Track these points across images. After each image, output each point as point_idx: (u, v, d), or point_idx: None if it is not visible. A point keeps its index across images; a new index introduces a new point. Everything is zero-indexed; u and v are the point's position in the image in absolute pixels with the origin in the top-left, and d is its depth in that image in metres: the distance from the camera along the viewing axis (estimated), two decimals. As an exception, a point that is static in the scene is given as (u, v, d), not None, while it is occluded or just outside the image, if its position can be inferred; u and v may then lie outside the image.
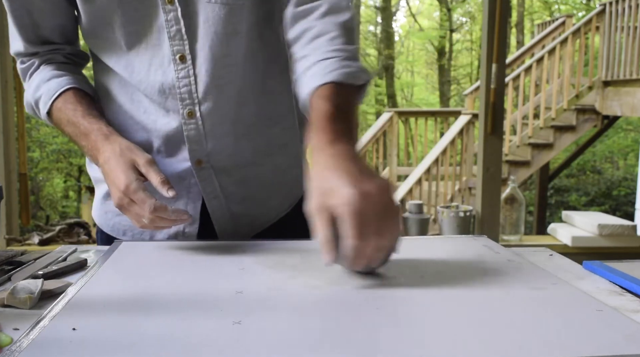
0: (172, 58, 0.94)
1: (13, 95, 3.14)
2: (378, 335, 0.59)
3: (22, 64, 1.04)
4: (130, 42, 0.95)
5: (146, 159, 0.89)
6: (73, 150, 9.92)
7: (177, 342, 0.56)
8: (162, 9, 0.93)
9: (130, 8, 0.93)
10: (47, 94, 0.98)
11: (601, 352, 0.55)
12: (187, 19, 0.93)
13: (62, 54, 1.05)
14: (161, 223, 0.88)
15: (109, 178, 0.90)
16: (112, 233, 1.08)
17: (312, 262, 0.85)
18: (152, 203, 0.85)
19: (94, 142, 0.93)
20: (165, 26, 0.93)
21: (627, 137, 11.56)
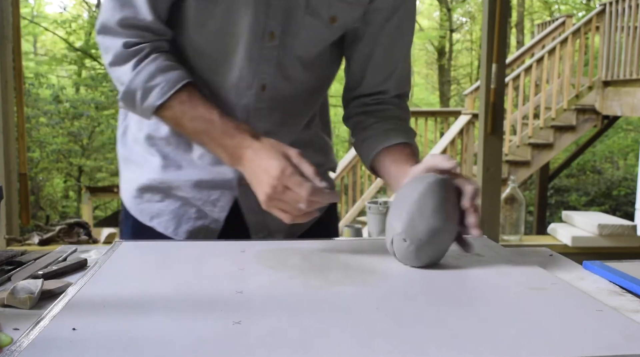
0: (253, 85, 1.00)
1: (13, 95, 3.14)
2: (378, 335, 0.59)
3: (126, 48, 0.94)
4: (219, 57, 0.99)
5: (297, 151, 0.89)
6: (73, 151, 9.92)
7: (177, 342, 0.56)
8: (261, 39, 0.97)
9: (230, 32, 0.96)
10: (168, 84, 0.94)
11: (601, 352, 0.55)
12: (278, 56, 0.99)
13: (166, 41, 0.99)
14: (313, 209, 0.87)
15: (258, 171, 0.88)
16: (140, 218, 1.09)
17: (312, 262, 0.85)
18: (310, 185, 0.84)
19: (241, 141, 0.92)
20: (257, 55, 0.98)
21: (627, 137, 11.56)
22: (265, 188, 0.87)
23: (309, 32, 0.99)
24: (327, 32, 1.01)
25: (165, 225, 1.07)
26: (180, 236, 1.06)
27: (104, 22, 0.95)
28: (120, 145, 1.12)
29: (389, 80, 1.07)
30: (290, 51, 1.00)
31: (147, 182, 1.06)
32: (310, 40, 1.01)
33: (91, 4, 12.63)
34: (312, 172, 0.86)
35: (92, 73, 11.40)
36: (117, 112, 1.22)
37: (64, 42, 11.86)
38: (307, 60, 1.03)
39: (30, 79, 9.70)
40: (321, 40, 1.02)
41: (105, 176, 10.43)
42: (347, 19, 1.01)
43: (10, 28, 3.10)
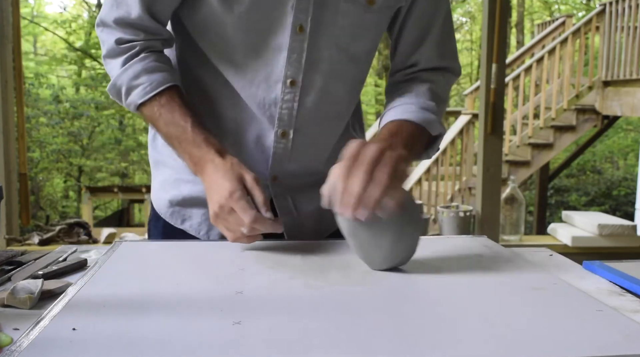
0: (283, 80, 0.97)
1: (13, 95, 3.14)
2: (378, 335, 0.59)
3: (118, 44, 0.98)
4: (248, 53, 0.97)
5: (253, 176, 0.90)
6: (73, 151, 9.93)
7: (177, 342, 0.56)
8: (290, 32, 0.94)
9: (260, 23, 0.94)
10: (150, 86, 0.96)
11: (601, 352, 0.55)
12: (310, 51, 0.96)
13: (160, 40, 1.01)
14: (254, 234, 0.88)
15: (213, 187, 0.90)
16: (171, 220, 1.09)
17: (312, 262, 0.85)
18: (252, 213, 0.86)
19: (205, 153, 0.93)
20: (286, 49, 0.95)
21: (627, 137, 11.56)
22: (214, 205, 0.89)
23: (347, 20, 0.96)
24: (369, 17, 0.97)
25: (197, 228, 1.06)
26: (213, 239, 1.06)
27: (102, 17, 0.99)
28: (150, 148, 1.13)
29: (415, 52, 1.04)
30: (328, 43, 0.96)
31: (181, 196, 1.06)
32: (352, 29, 0.97)
33: (91, 4, 12.64)
34: (261, 200, 0.88)
35: (92, 73, 11.41)
36: (117, 112, 1.23)
37: (64, 42, 11.86)
38: (353, 52, 0.99)
39: (30, 79, 9.70)
40: (364, 27, 0.98)
41: (105, 176, 10.44)
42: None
43: (10, 28, 3.10)
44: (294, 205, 1.05)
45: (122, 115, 10.75)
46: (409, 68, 1.06)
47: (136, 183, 9.37)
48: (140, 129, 11.42)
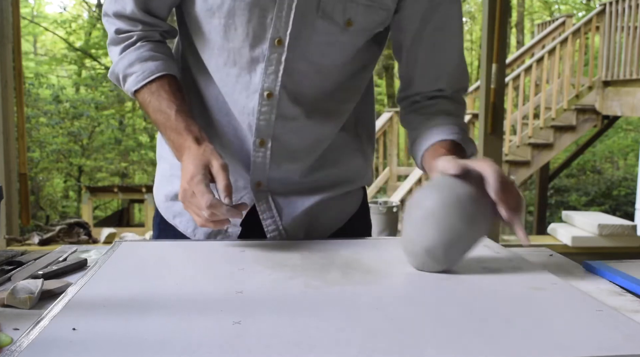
0: (260, 92, 0.98)
1: (13, 95, 3.14)
2: (378, 335, 0.59)
3: (117, 34, 1.03)
4: (229, 61, 0.98)
5: (221, 163, 0.90)
6: (73, 150, 9.92)
7: (177, 342, 0.56)
8: (269, 44, 0.95)
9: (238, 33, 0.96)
10: (142, 74, 1.00)
11: (601, 352, 0.55)
12: (288, 63, 0.96)
13: (159, 31, 1.05)
14: (217, 219, 0.89)
15: (183, 170, 0.93)
16: (165, 215, 1.10)
17: (312, 262, 0.85)
18: (209, 197, 0.87)
19: (184, 141, 0.95)
20: (264, 61, 0.96)
21: (627, 137, 11.55)
22: (180, 189, 0.92)
23: (323, 37, 0.96)
24: (345, 37, 0.98)
25: (185, 225, 1.08)
26: (198, 238, 1.07)
27: (104, 8, 1.05)
28: (157, 143, 1.15)
29: (438, 81, 1.04)
30: (301, 57, 0.97)
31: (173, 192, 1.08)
32: (326, 46, 0.98)
33: (91, 4, 12.64)
34: (222, 186, 0.88)
35: (92, 73, 11.41)
36: (117, 112, 1.24)
37: (64, 42, 11.86)
38: (324, 67, 1.00)
39: (30, 79, 9.70)
40: (338, 46, 0.99)
41: (105, 176, 10.44)
42: (366, 23, 0.98)
43: (10, 28, 3.10)
44: (277, 211, 1.04)
45: (122, 115, 10.76)
46: (434, 91, 1.05)
47: (136, 183, 9.35)
48: (140, 129, 11.42)
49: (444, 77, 1.04)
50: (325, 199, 1.07)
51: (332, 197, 1.08)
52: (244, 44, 0.96)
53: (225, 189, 0.88)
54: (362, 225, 1.17)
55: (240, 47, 0.97)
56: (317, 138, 1.05)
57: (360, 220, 1.15)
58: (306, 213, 1.05)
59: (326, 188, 1.07)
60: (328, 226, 1.09)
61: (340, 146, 1.08)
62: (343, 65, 1.02)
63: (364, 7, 0.95)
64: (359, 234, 1.12)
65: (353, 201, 1.13)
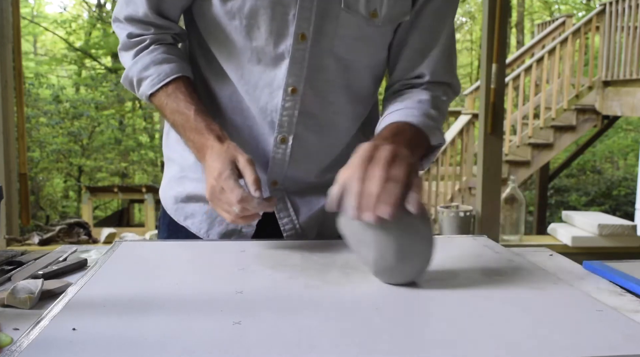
0: (284, 88, 0.98)
1: (13, 95, 3.14)
2: (378, 335, 0.59)
3: (130, 38, 1.03)
4: (252, 59, 0.98)
5: (247, 158, 0.90)
6: (73, 150, 9.92)
7: (177, 342, 0.56)
8: (293, 40, 0.95)
9: (261, 31, 0.95)
10: (158, 77, 1.00)
11: (601, 352, 0.55)
12: (312, 58, 0.96)
13: (171, 34, 1.05)
14: (249, 214, 0.89)
15: (209, 168, 0.92)
16: (175, 217, 1.10)
17: (312, 262, 0.85)
18: (240, 192, 0.87)
19: (206, 140, 0.95)
20: (288, 57, 0.96)
21: (627, 137, 11.55)
22: (208, 187, 0.91)
23: (348, 31, 0.96)
24: (371, 30, 0.97)
25: (199, 226, 1.07)
26: (212, 238, 1.07)
27: (115, 13, 1.05)
28: (164, 145, 1.15)
29: (421, 65, 1.03)
30: (328, 53, 0.97)
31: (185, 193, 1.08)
32: (352, 40, 0.97)
33: (91, 4, 12.63)
34: (251, 180, 0.88)
35: (92, 73, 11.40)
36: (117, 112, 1.25)
37: (64, 42, 11.86)
38: (352, 64, 1.00)
39: (30, 79, 9.70)
40: (365, 40, 0.98)
41: (105, 176, 10.43)
42: (392, 13, 0.97)
43: (10, 28, 3.10)
44: (294, 210, 1.05)
45: (122, 115, 10.75)
46: (414, 79, 1.04)
47: (136, 183, 9.35)
48: (141, 129, 11.42)
49: (427, 63, 1.02)
50: None
51: None
52: (267, 42, 0.96)
53: (254, 182, 0.88)
54: None
55: (265, 46, 0.96)
56: (336, 138, 1.05)
57: None
58: (321, 212, 1.05)
59: None
60: None
61: (353, 147, 1.07)
62: (371, 64, 1.02)
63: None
64: None
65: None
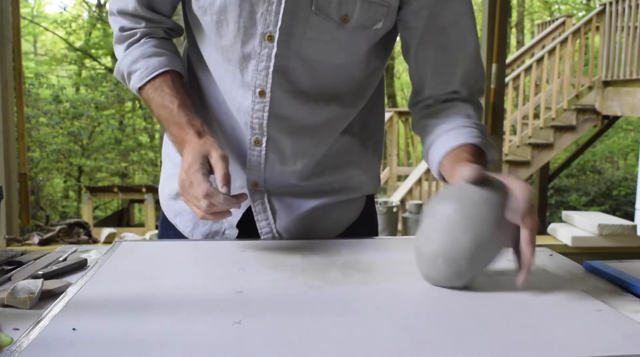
0: (253, 89, 0.96)
1: (13, 95, 3.14)
2: (378, 335, 0.59)
3: (122, 32, 1.04)
4: (224, 57, 0.98)
5: (220, 154, 0.89)
6: (73, 150, 9.92)
7: (177, 342, 0.56)
8: (259, 40, 0.94)
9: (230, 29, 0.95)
10: (146, 70, 1.00)
11: (601, 352, 0.55)
12: (279, 59, 0.94)
13: (163, 28, 1.05)
14: (215, 210, 0.87)
15: (182, 164, 0.92)
16: (167, 214, 1.11)
17: (312, 262, 0.85)
18: (206, 186, 0.86)
19: (185, 134, 0.95)
20: (254, 58, 0.95)
21: (627, 137, 11.55)
22: (179, 180, 0.91)
23: (318, 34, 0.93)
24: (342, 35, 0.94)
25: (185, 224, 1.08)
26: (196, 238, 1.07)
27: (109, 7, 1.07)
28: (164, 142, 1.16)
29: (452, 82, 0.99)
30: (295, 54, 0.94)
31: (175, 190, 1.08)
32: (321, 43, 0.94)
33: (91, 4, 12.64)
34: (220, 176, 0.87)
35: (92, 73, 11.41)
36: (117, 112, 1.25)
37: (64, 42, 11.86)
38: (320, 66, 0.96)
39: (30, 79, 9.70)
40: (335, 44, 0.95)
41: (105, 176, 10.43)
42: (364, 20, 0.93)
43: (10, 28, 3.10)
44: (272, 213, 1.03)
45: (122, 115, 10.75)
46: (449, 94, 1.00)
47: (136, 183, 9.36)
48: (141, 129, 11.42)
49: (458, 78, 0.98)
50: (324, 205, 1.05)
51: (331, 203, 1.05)
52: (235, 41, 0.95)
53: (223, 178, 0.87)
54: (367, 230, 1.13)
55: (233, 44, 0.95)
56: (313, 141, 1.02)
57: (364, 226, 1.11)
58: (302, 217, 1.04)
59: (326, 194, 1.05)
60: (326, 231, 1.06)
61: (342, 152, 1.05)
62: (343, 66, 0.98)
63: (361, 2, 0.92)
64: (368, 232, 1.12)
65: (354, 208, 1.10)
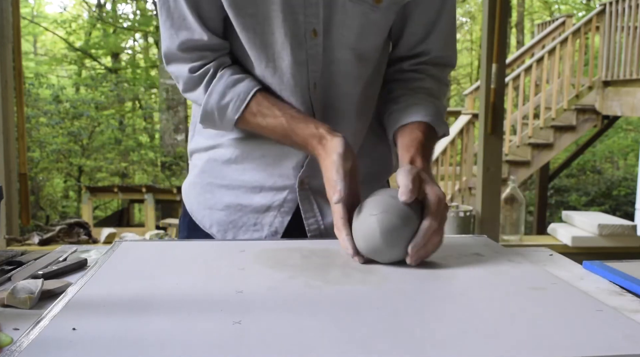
0: (308, 86, 0.99)
1: (13, 95, 3.14)
2: (378, 335, 0.59)
3: (192, 73, 1.00)
4: (269, 64, 0.98)
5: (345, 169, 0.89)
6: (73, 150, 9.92)
7: (177, 342, 0.56)
8: (306, 36, 0.96)
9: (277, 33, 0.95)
10: (238, 99, 0.98)
11: (601, 352, 0.55)
12: (325, 54, 0.97)
13: (227, 54, 1.02)
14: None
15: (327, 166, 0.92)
16: (193, 214, 1.11)
17: (312, 262, 0.85)
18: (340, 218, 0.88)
19: (312, 149, 0.95)
20: (305, 55, 0.97)
21: (627, 137, 11.55)
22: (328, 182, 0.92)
23: (356, 20, 0.97)
24: (377, 15, 0.98)
25: (222, 235, 1.09)
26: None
27: (166, 51, 1.00)
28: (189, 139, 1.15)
29: (428, 39, 1.05)
30: (339, 44, 0.98)
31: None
32: (361, 28, 0.98)
33: (91, 4, 12.64)
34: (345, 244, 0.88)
35: (92, 73, 11.41)
36: (117, 112, 1.24)
37: (64, 42, 11.86)
38: (364, 52, 1.01)
39: (30, 79, 9.70)
40: (373, 26, 0.99)
41: (105, 176, 10.43)
42: None
43: (10, 28, 3.10)
44: (319, 210, 1.05)
45: (122, 115, 10.76)
46: (417, 57, 1.06)
47: (136, 183, 9.35)
48: (141, 129, 11.42)
49: (434, 36, 1.04)
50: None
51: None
52: (283, 46, 0.96)
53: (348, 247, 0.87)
54: None
55: (281, 50, 0.96)
56: (355, 130, 1.05)
57: None
58: None
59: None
60: None
61: (370, 137, 1.09)
62: (381, 48, 1.03)
63: None
64: None
65: None
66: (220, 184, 1.08)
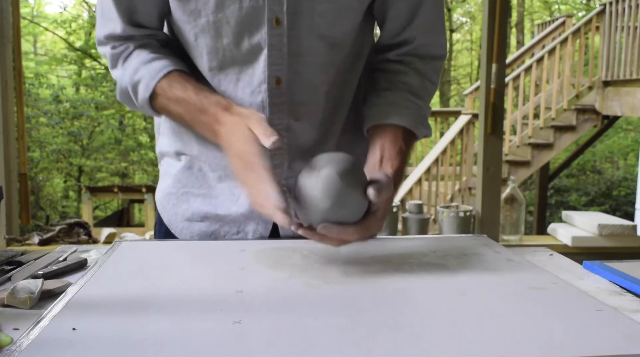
0: (268, 81, 0.93)
1: (13, 95, 3.14)
2: (378, 335, 0.59)
3: (114, 49, 0.97)
4: (224, 60, 0.93)
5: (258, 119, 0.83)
6: (73, 150, 9.93)
7: (177, 342, 0.56)
8: (267, 27, 0.90)
9: (229, 25, 0.90)
10: (149, 75, 0.92)
11: (601, 352, 0.55)
12: (293, 42, 0.91)
13: (156, 39, 0.99)
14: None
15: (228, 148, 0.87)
16: (170, 227, 1.07)
17: (312, 262, 0.85)
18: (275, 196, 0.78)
19: (213, 115, 0.88)
20: (265, 47, 0.91)
21: (627, 137, 11.56)
22: (232, 166, 0.87)
23: (325, 5, 0.90)
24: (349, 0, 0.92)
25: (182, 232, 1.06)
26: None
27: (97, 36, 1.01)
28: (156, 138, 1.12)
29: (412, 24, 0.98)
30: (307, 33, 0.91)
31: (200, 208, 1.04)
32: (333, 13, 0.91)
33: (91, 4, 12.63)
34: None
35: (92, 73, 11.41)
36: (117, 112, 1.23)
37: (64, 42, 11.87)
38: (337, 39, 0.94)
39: (30, 79, 9.71)
40: (344, 10, 0.92)
41: (105, 176, 10.44)
42: None
43: (10, 28, 3.10)
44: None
45: (122, 115, 10.75)
46: (402, 46, 1.00)
47: (136, 183, 9.36)
48: (141, 129, 11.42)
49: (416, 23, 0.98)
50: None
51: None
52: (240, 36, 0.91)
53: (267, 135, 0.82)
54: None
55: (237, 41, 0.91)
56: (328, 127, 1.00)
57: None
58: None
59: None
60: None
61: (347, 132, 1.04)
62: (358, 30, 0.97)
63: None
64: None
65: None
66: (197, 193, 1.03)
